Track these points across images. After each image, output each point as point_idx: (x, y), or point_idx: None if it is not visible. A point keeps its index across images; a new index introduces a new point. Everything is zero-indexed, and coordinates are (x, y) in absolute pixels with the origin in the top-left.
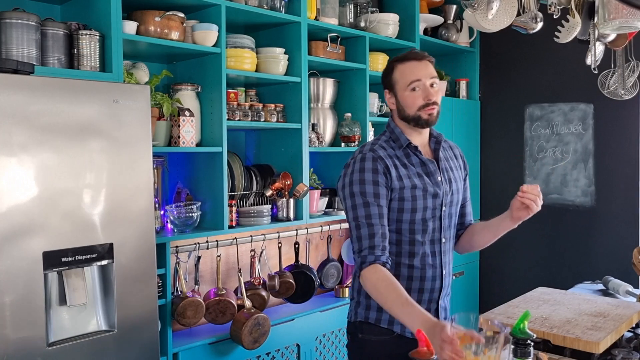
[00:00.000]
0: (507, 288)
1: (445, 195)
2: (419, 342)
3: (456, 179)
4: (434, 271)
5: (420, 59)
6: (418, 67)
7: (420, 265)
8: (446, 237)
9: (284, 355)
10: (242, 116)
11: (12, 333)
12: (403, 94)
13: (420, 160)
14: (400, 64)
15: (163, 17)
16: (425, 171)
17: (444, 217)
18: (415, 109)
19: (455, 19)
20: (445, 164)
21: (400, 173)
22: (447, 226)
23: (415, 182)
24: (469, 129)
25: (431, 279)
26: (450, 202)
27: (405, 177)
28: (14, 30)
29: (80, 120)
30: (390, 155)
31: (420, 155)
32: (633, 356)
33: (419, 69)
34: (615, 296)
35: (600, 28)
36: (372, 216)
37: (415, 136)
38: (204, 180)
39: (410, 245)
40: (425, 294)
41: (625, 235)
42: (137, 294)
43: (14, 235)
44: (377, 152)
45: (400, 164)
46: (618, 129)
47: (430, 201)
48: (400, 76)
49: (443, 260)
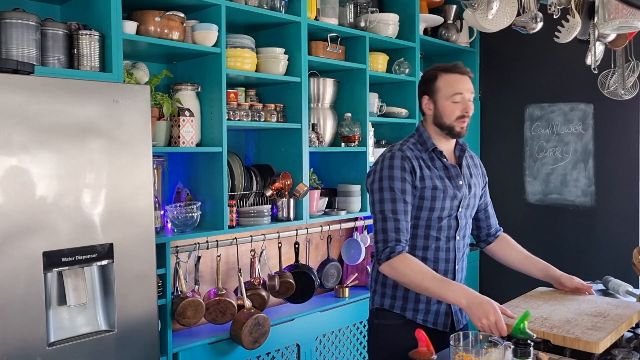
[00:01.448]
0: (507, 288)
1: (464, 198)
2: (419, 342)
3: (475, 185)
4: (447, 265)
5: (464, 74)
6: (462, 80)
7: (434, 258)
8: (460, 235)
9: (284, 355)
10: (242, 116)
11: (12, 333)
12: (444, 103)
13: (443, 164)
14: (446, 74)
15: (163, 17)
16: (447, 175)
17: (460, 217)
18: (452, 119)
19: (455, 19)
20: (467, 170)
21: (424, 174)
22: (463, 225)
23: (436, 183)
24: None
25: (443, 272)
26: (467, 204)
27: (428, 178)
28: (14, 30)
29: (80, 120)
30: (417, 156)
31: (444, 160)
32: (633, 356)
33: (463, 83)
34: (615, 296)
35: (600, 28)
36: (398, 211)
37: (443, 142)
38: (204, 180)
39: (425, 239)
40: None
41: (625, 235)
42: (137, 294)
43: (14, 235)
44: (405, 152)
45: (425, 165)
46: (618, 129)
47: (449, 202)
48: (445, 85)
49: (457, 256)
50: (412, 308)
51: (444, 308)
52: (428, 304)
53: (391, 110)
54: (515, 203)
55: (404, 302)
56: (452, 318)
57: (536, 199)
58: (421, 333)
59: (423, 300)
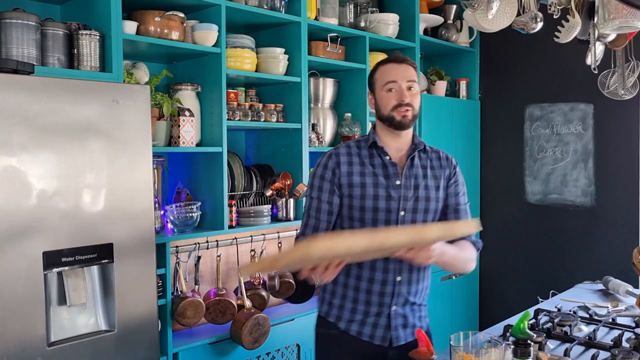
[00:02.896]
0: (507, 287)
1: (404, 200)
2: (419, 342)
3: (429, 187)
4: (385, 276)
5: (400, 62)
6: (397, 69)
7: (370, 266)
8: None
9: (284, 355)
10: (242, 116)
11: (12, 333)
12: (380, 94)
13: (382, 162)
14: (382, 65)
15: (163, 17)
16: (384, 173)
17: (401, 223)
18: (389, 109)
19: (455, 19)
20: (417, 170)
21: (353, 170)
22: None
23: (366, 180)
24: (469, 129)
25: (381, 282)
26: (412, 208)
27: (357, 174)
28: (14, 30)
29: (80, 120)
30: (352, 153)
31: (383, 156)
32: (633, 356)
33: (397, 71)
34: (615, 296)
35: (600, 28)
36: (311, 208)
37: (391, 139)
38: (204, 180)
39: None
40: (374, 297)
41: (625, 235)
42: (137, 294)
43: (14, 235)
44: (338, 150)
45: (358, 162)
46: (618, 129)
47: (383, 203)
48: (380, 76)
49: (397, 267)
50: (347, 319)
51: (384, 322)
52: (365, 315)
53: None
54: (515, 203)
55: (339, 311)
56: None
57: (536, 199)
58: (421, 333)
59: (360, 310)
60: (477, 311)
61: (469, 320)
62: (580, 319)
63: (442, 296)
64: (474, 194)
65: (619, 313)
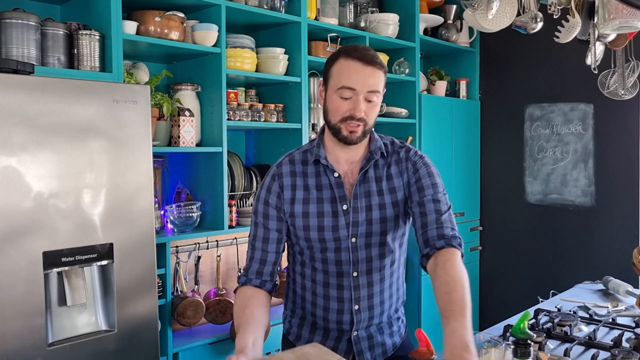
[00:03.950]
0: (507, 287)
1: (354, 227)
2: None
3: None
4: (341, 305)
5: (367, 63)
6: (360, 73)
7: (323, 294)
8: (359, 271)
9: None
10: (242, 116)
11: (12, 333)
12: (331, 96)
13: (329, 181)
14: (344, 58)
15: (163, 17)
16: (331, 196)
17: (354, 250)
18: (337, 119)
19: (455, 19)
20: (370, 186)
21: (296, 196)
22: (360, 259)
23: (309, 209)
24: (469, 129)
25: (337, 312)
26: (365, 233)
27: (299, 202)
28: (14, 30)
29: (80, 120)
30: (297, 172)
31: (330, 175)
32: (633, 356)
33: (360, 76)
34: (615, 296)
35: (600, 28)
36: (256, 238)
37: (340, 149)
38: (204, 180)
39: (312, 271)
40: (332, 324)
41: (625, 235)
42: (137, 294)
43: (14, 235)
44: (281, 168)
45: (302, 184)
46: (618, 129)
47: (329, 233)
48: (337, 73)
49: (354, 296)
50: (307, 339)
51: (345, 345)
52: (325, 339)
53: (391, 110)
54: (515, 203)
55: (298, 330)
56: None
57: (536, 199)
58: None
59: (319, 333)
60: (477, 311)
61: None
62: (580, 319)
63: None
64: (474, 193)
65: (619, 313)
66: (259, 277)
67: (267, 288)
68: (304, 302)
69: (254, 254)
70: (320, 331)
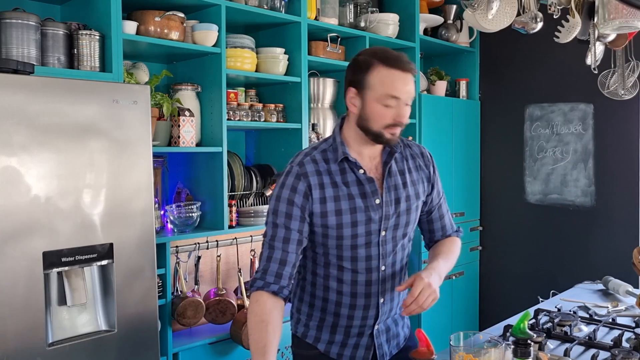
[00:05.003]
0: (507, 288)
1: (386, 220)
2: (419, 342)
3: (410, 197)
4: (368, 300)
5: (408, 71)
6: (403, 80)
7: (350, 292)
8: (387, 264)
9: (284, 355)
10: (242, 116)
11: (12, 333)
12: (373, 105)
13: (357, 178)
14: (384, 67)
15: (163, 17)
16: (361, 192)
17: (383, 243)
18: (381, 126)
19: (455, 19)
20: (396, 179)
21: (326, 195)
22: (388, 252)
23: (342, 206)
24: (469, 129)
25: (363, 307)
26: (394, 225)
27: (331, 200)
28: (14, 30)
29: (80, 120)
30: (321, 171)
31: (357, 172)
32: (633, 356)
33: (403, 84)
34: (615, 296)
35: (600, 28)
36: (275, 238)
37: (365, 147)
38: (204, 180)
39: (339, 271)
40: (356, 321)
41: (625, 235)
42: (137, 294)
43: (14, 235)
44: (305, 168)
45: (330, 182)
46: (618, 129)
47: (362, 228)
48: (379, 83)
49: (380, 289)
50: (327, 340)
51: (366, 341)
52: (346, 337)
53: None
54: (515, 203)
55: (317, 332)
56: (374, 352)
57: (536, 199)
58: (421, 333)
59: (340, 331)
60: (477, 311)
61: (469, 320)
62: (580, 319)
63: (442, 296)
64: (474, 193)
65: (619, 313)
66: (277, 280)
67: (284, 295)
68: (326, 303)
69: (273, 253)
70: (342, 329)
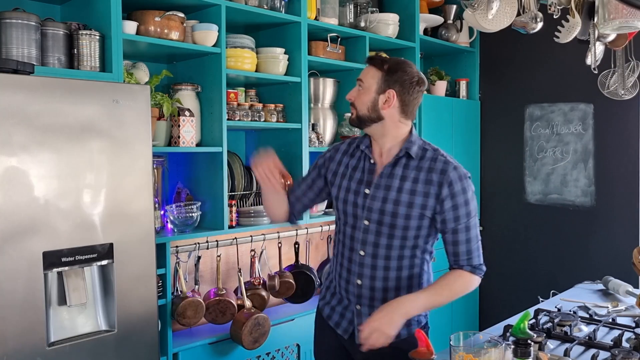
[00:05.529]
0: (507, 288)
1: (369, 211)
2: (419, 342)
3: (400, 202)
4: (348, 276)
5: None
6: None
7: (341, 262)
8: (367, 252)
9: (284, 355)
10: (242, 116)
11: (12, 333)
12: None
13: (364, 165)
14: None
15: (163, 17)
16: (359, 177)
17: (367, 231)
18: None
19: (455, 19)
20: (391, 181)
21: (339, 170)
22: (370, 241)
23: (343, 183)
24: (469, 129)
25: (345, 280)
26: (378, 220)
27: (340, 175)
28: (14, 30)
29: (80, 120)
30: (348, 151)
31: (367, 161)
32: (633, 356)
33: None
34: (615, 296)
35: (600, 28)
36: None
37: (372, 140)
38: (204, 180)
39: (342, 236)
40: (343, 292)
41: (625, 235)
42: (137, 294)
43: (14, 235)
44: (339, 146)
45: (346, 162)
46: (618, 129)
47: (350, 208)
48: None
49: (358, 271)
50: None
51: (349, 315)
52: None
53: None
54: (515, 203)
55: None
56: (353, 330)
57: (536, 199)
58: (421, 333)
59: (337, 298)
60: (477, 311)
61: (469, 320)
62: (580, 319)
63: None
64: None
65: (619, 313)
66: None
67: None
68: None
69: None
70: (337, 296)
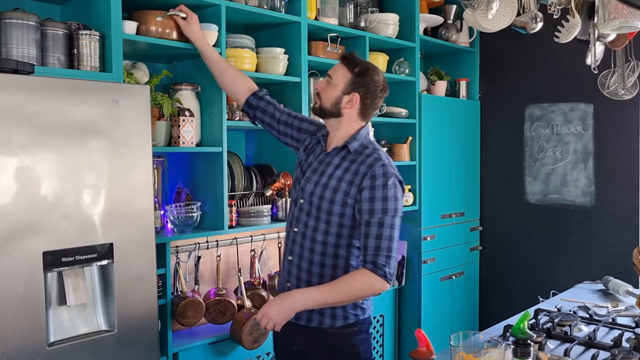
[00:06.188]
0: (507, 287)
1: (301, 191)
2: (418, 342)
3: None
4: (285, 251)
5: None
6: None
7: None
8: (299, 229)
9: None
10: (242, 116)
11: (12, 333)
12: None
13: (316, 151)
14: None
15: (165, 17)
16: (306, 160)
17: (301, 210)
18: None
19: (455, 19)
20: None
21: (302, 152)
22: (302, 220)
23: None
24: (469, 129)
25: (283, 255)
26: (309, 201)
27: (302, 151)
28: (14, 30)
29: (80, 120)
30: (316, 134)
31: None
32: (633, 356)
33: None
34: (615, 296)
35: (600, 28)
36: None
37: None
38: (204, 180)
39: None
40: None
41: (625, 235)
42: (137, 294)
43: (14, 235)
44: (322, 130)
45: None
46: (618, 129)
47: (294, 185)
48: None
49: (290, 247)
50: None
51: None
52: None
53: (391, 110)
54: (515, 203)
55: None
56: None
57: (536, 199)
58: (421, 333)
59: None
60: (477, 311)
61: (469, 320)
62: (580, 319)
63: (442, 296)
64: (474, 193)
65: (619, 313)
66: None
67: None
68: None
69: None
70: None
